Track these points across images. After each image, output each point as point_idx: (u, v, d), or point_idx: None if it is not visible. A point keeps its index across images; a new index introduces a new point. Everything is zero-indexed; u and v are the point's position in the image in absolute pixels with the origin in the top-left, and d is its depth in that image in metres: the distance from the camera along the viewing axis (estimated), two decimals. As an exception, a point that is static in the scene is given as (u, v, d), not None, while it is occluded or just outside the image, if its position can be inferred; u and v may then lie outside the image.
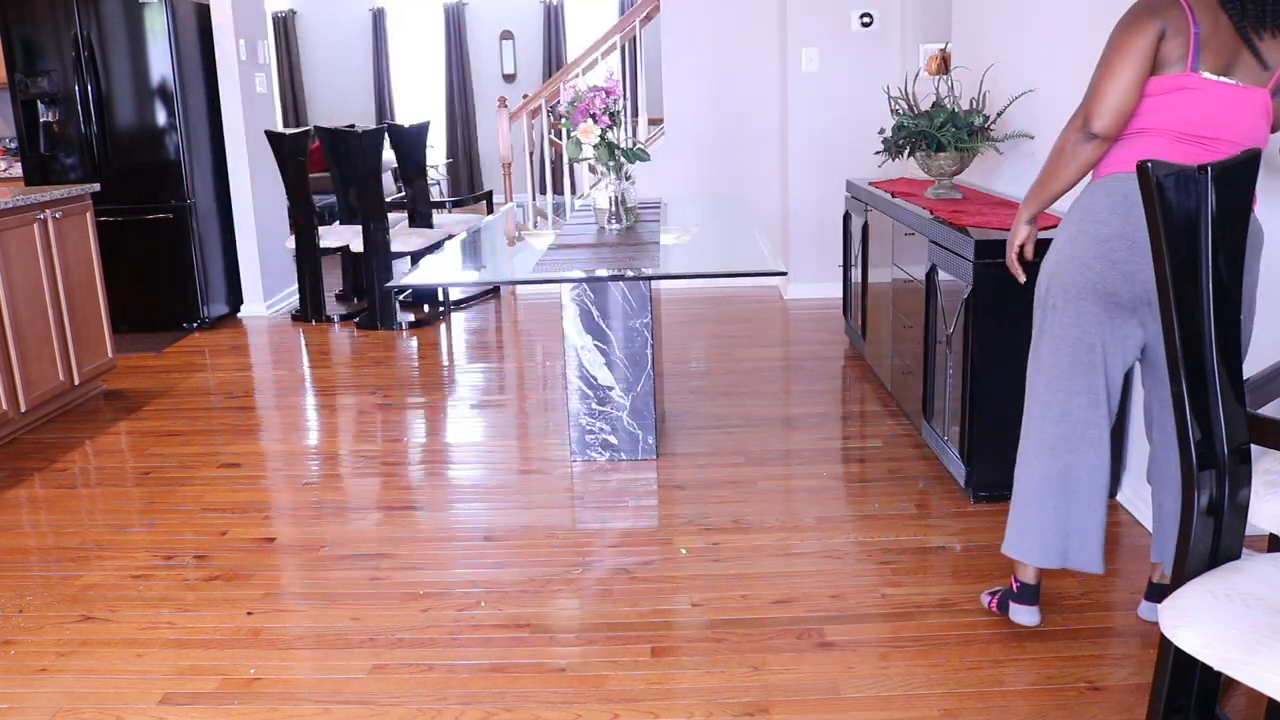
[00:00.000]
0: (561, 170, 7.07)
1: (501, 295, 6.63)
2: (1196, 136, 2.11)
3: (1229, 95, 2.09)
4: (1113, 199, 2.18)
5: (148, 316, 5.89)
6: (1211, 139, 2.10)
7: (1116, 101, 2.15)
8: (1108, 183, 2.20)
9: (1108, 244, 2.17)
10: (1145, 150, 2.13)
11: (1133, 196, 2.10)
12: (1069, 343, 2.25)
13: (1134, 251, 2.14)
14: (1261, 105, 2.10)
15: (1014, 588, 2.44)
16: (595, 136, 3.64)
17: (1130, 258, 2.15)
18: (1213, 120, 2.10)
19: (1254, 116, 2.11)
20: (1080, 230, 2.22)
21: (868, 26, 5.99)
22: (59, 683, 2.36)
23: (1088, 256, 2.19)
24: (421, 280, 4.10)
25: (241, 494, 3.48)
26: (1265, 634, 1.35)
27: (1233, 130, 2.10)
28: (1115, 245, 2.16)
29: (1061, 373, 2.28)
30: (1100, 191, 2.21)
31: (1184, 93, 2.11)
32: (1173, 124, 2.13)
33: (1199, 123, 2.11)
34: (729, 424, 4.00)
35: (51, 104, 5.68)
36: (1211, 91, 2.09)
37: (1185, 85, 2.10)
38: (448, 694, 2.27)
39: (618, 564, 2.87)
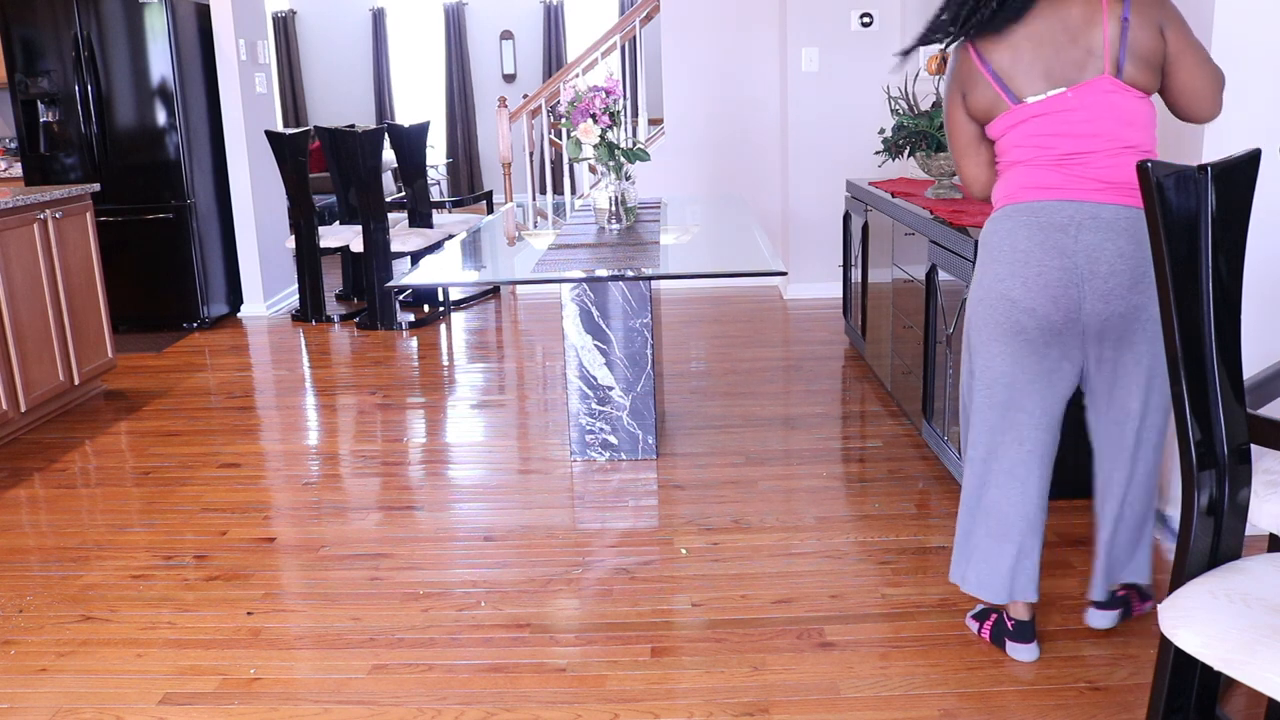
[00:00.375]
0: (561, 170, 7.07)
1: (501, 295, 6.63)
2: (1066, 154, 2.06)
3: (1070, 102, 2.03)
4: (1001, 236, 2.14)
5: (148, 316, 5.89)
6: (1082, 153, 2.05)
7: (970, 171, 2.25)
8: (998, 220, 2.17)
9: (1004, 283, 2.13)
10: (1021, 179, 2.11)
11: (1015, 233, 2.10)
12: (987, 383, 2.22)
13: (1028, 289, 2.09)
14: (1108, 92, 2.02)
15: (1009, 625, 2.34)
16: (595, 136, 3.64)
17: (1026, 294, 2.10)
18: (1065, 130, 2.05)
19: (1108, 108, 2.02)
20: (983, 271, 2.19)
21: (868, 26, 5.99)
22: (59, 683, 2.36)
23: (991, 297, 2.16)
24: (421, 280, 4.10)
25: (241, 494, 3.48)
26: (1265, 634, 1.35)
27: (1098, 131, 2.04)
28: (1010, 284, 2.12)
29: (985, 412, 2.25)
30: (993, 228, 2.17)
31: (1025, 124, 2.08)
32: (1031, 147, 2.10)
33: (1054, 136, 2.06)
34: (729, 424, 4.00)
35: (51, 104, 5.68)
36: (1050, 108, 2.05)
37: (1020, 118, 2.09)
38: (448, 694, 2.27)
39: (618, 564, 2.87)
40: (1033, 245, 2.08)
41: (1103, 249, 2.04)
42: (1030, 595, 2.29)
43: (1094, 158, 2.05)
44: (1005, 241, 2.12)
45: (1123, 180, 2.04)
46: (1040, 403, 2.19)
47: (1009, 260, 2.11)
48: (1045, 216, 2.07)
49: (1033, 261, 2.08)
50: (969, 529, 2.34)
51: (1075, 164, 2.06)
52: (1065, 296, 2.07)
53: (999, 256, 2.13)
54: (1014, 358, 2.16)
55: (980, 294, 2.19)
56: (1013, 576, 2.28)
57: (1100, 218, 2.04)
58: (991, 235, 2.17)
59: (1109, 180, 2.05)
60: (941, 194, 3.88)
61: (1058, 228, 2.06)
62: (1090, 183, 2.05)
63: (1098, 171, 2.05)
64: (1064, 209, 2.06)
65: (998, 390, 2.20)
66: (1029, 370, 2.16)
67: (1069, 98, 2.03)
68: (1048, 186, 2.08)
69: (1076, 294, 2.06)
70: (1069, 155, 2.06)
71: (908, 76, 5.11)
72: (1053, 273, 2.07)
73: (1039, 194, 2.08)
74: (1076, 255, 2.05)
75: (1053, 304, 2.08)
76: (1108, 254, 2.04)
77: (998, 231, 2.15)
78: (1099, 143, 2.04)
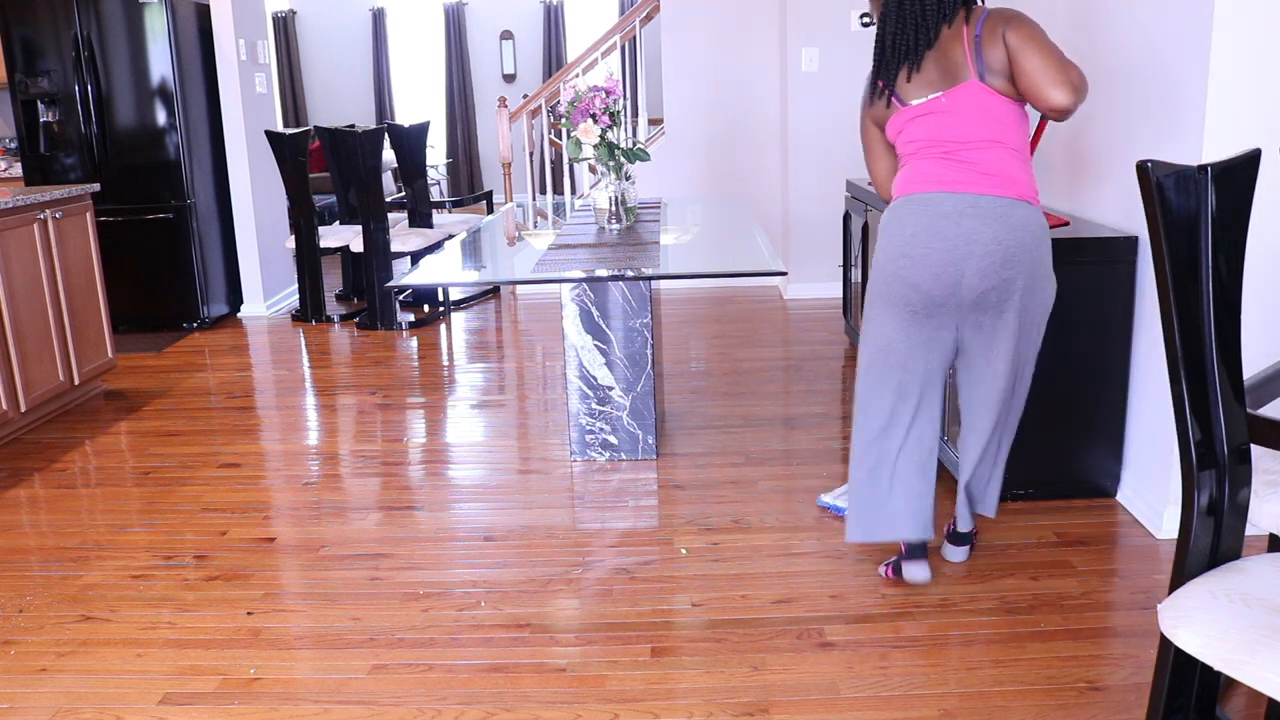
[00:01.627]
0: (561, 170, 7.07)
1: (501, 295, 6.63)
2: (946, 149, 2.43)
3: (943, 104, 2.42)
4: (895, 223, 2.48)
5: (148, 316, 5.90)
6: (958, 146, 2.42)
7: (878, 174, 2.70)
8: (894, 208, 2.51)
9: (896, 261, 2.46)
10: (912, 173, 2.48)
11: (906, 220, 2.45)
12: (877, 345, 2.57)
13: (915, 266, 2.43)
14: (974, 93, 2.39)
15: (902, 549, 2.66)
16: (595, 136, 3.64)
17: (913, 271, 2.44)
18: (942, 128, 2.43)
19: (977, 107, 2.39)
20: (880, 252, 2.52)
21: (868, 26, 5.96)
22: (59, 683, 2.36)
23: (885, 272, 2.49)
24: (421, 280, 4.10)
25: (241, 494, 3.48)
26: (1265, 634, 1.35)
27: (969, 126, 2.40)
28: (901, 262, 2.45)
29: (870, 374, 2.59)
30: (890, 216, 2.51)
31: (911, 123, 2.48)
32: (918, 145, 2.48)
33: (934, 135, 2.44)
34: (729, 424, 4.00)
35: (51, 104, 5.68)
36: (927, 109, 2.44)
37: (907, 118, 2.48)
38: (448, 694, 2.27)
39: (618, 564, 2.87)
40: (920, 230, 2.42)
41: (980, 233, 2.38)
42: (927, 533, 2.62)
43: (968, 150, 2.41)
44: (899, 227, 2.46)
45: (996, 172, 2.40)
46: (923, 364, 2.54)
47: (901, 243, 2.45)
48: (933, 206, 2.42)
49: (920, 243, 2.42)
50: (864, 482, 2.62)
51: (954, 157, 2.42)
52: (946, 274, 2.41)
53: (893, 240, 2.47)
54: (900, 326, 2.51)
55: (876, 272, 2.53)
56: (911, 516, 2.60)
57: (979, 206, 2.38)
58: (889, 222, 2.50)
59: (984, 171, 2.40)
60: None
61: (942, 215, 2.40)
62: (968, 174, 2.40)
63: (973, 163, 2.40)
64: (948, 199, 2.40)
65: (885, 352, 2.55)
66: (913, 338, 2.51)
67: (942, 101, 2.43)
68: (934, 179, 2.43)
69: (956, 271, 2.40)
70: (948, 149, 2.43)
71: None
72: (936, 254, 2.40)
73: (927, 186, 2.44)
74: (957, 239, 2.38)
75: (935, 280, 2.42)
76: (984, 238, 2.37)
77: (894, 219, 2.49)
78: (970, 138, 2.41)
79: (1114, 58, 3.11)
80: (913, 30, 2.43)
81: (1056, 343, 3.03)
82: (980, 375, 2.56)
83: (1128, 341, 3.04)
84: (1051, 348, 3.02)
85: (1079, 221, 3.26)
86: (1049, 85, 2.31)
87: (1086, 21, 3.30)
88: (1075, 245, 3.03)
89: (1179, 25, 2.71)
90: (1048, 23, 3.56)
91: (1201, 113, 2.61)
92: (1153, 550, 2.83)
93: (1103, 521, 3.01)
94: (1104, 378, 3.07)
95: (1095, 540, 2.90)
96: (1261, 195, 1.66)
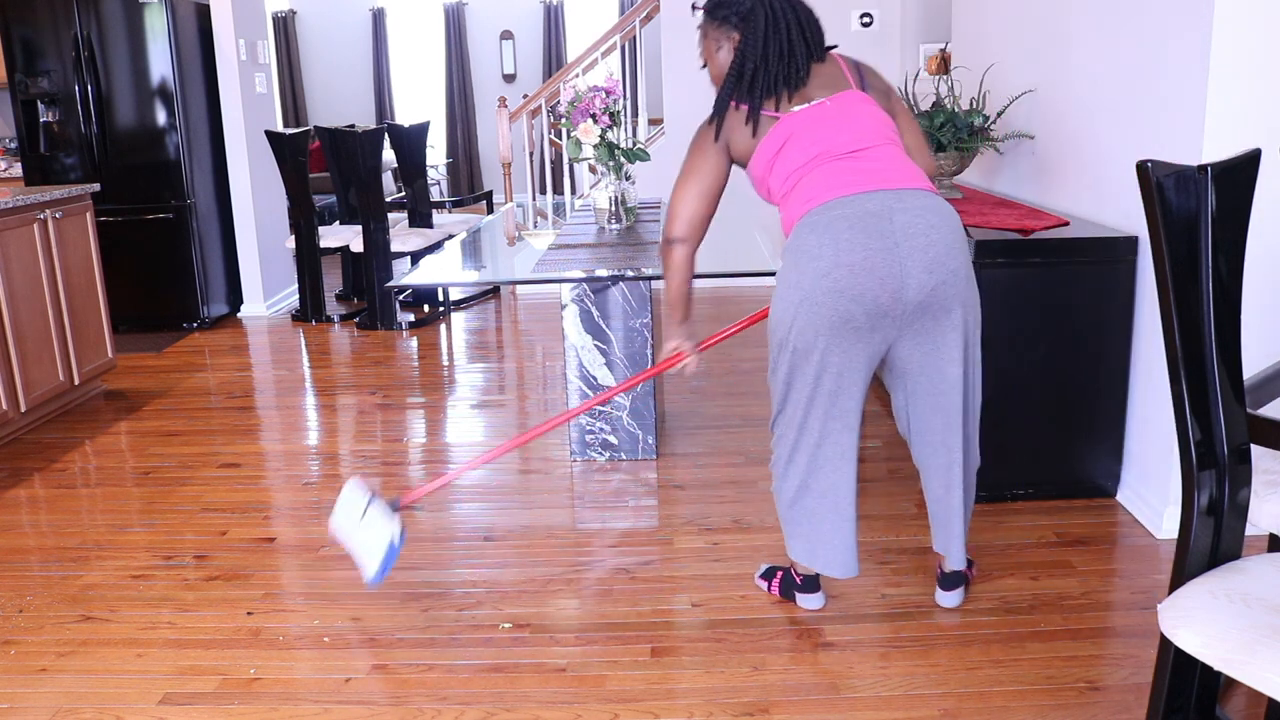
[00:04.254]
0: (561, 170, 7.07)
1: (501, 295, 6.62)
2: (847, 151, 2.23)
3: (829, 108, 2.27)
4: (816, 232, 2.20)
5: (148, 316, 5.90)
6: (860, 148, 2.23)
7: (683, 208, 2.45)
8: (806, 225, 2.22)
9: (828, 278, 2.18)
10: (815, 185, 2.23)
11: (834, 226, 2.18)
12: (816, 375, 2.28)
13: (854, 275, 2.16)
14: (860, 100, 2.29)
15: (797, 580, 2.56)
16: (595, 136, 3.64)
17: (853, 282, 2.16)
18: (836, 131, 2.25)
19: (865, 111, 2.28)
20: (800, 273, 2.22)
21: (868, 26, 5.99)
22: (59, 683, 2.36)
23: (815, 294, 2.19)
24: (421, 280, 4.10)
25: (241, 494, 3.48)
26: (1265, 634, 1.35)
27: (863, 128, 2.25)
28: (836, 276, 2.17)
29: (815, 402, 2.31)
30: (803, 231, 2.23)
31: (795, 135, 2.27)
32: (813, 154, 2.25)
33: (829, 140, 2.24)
34: (729, 424, 4.00)
35: (51, 104, 5.68)
36: (813, 115, 2.27)
37: (789, 129, 2.28)
38: (448, 694, 2.27)
39: (618, 564, 2.87)
40: (854, 233, 2.16)
41: (916, 224, 2.16)
42: (854, 570, 2.43)
43: (870, 153, 2.23)
44: (823, 238, 2.18)
45: (909, 172, 2.24)
46: (861, 388, 2.31)
47: (832, 253, 2.17)
48: (857, 207, 2.17)
49: (857, 247, 2.16)
50: (810, 511, 2.41)
51: (858, 159, 2.22)
52: (890, 275, 2.16)
53: (820, 254, 2.18)
54: (843, 348, 2.24)
55: (801, 296, 2.22)
56: (850, 550, 2.41)
57: (905, 201, 2.18)
58: (805, 239, 2.22)
59: (895, 171, 2.22)
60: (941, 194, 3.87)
61: (872, 214, 2.16)
62: (879, 174, 2.20)
63: (880, 165, 2.22)
64: (872, 198, 2.18)
65: (827, 380, 2.28)
66: (856, 358, 2.26)
67: (827, 105, 2.27)
68: (846, 182, 2.20)
69: (900, 270, 2.15)
70: (850, 152, 2.23)
71: (907, 76, 5.10)
72: (876, 254, 2.15)
73: (841, 190, 2.20)
74: (895, 234, 2.15)
75: (880, 284, 2.16)
76: (921, 227, 2.16)
77: (813, 233, 2.20)
78: (869, 138, 2.24)
79: (1114, 57, 3.11)
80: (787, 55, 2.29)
81: (1057, 343, 3.03)
82: (933, 389, 2.33)
83: (1128, 341, 3.04)
84: (1052, 348, 3.03)
85: (1079, 221, 3.26)
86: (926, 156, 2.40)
87: (1087, 21, 3.30)
88: (1075, 245, 3.03)
89: (1179, 25, 2.71)
90: (1068, 22, 3.58)
91: (1201, 113, 2.61)
92: (1153, 550, 2.83)
93: (1103, 521, 3.01)
94: (1104, 378, 3.07)
95: (1095, 540, 2.90)
96: (1261, 195, 1.66)
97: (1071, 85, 3.43)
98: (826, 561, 2.43)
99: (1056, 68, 3.54)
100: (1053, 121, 3.60)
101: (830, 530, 2.40)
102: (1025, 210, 3.49)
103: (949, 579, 2.54)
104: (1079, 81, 3.37)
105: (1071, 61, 3.43)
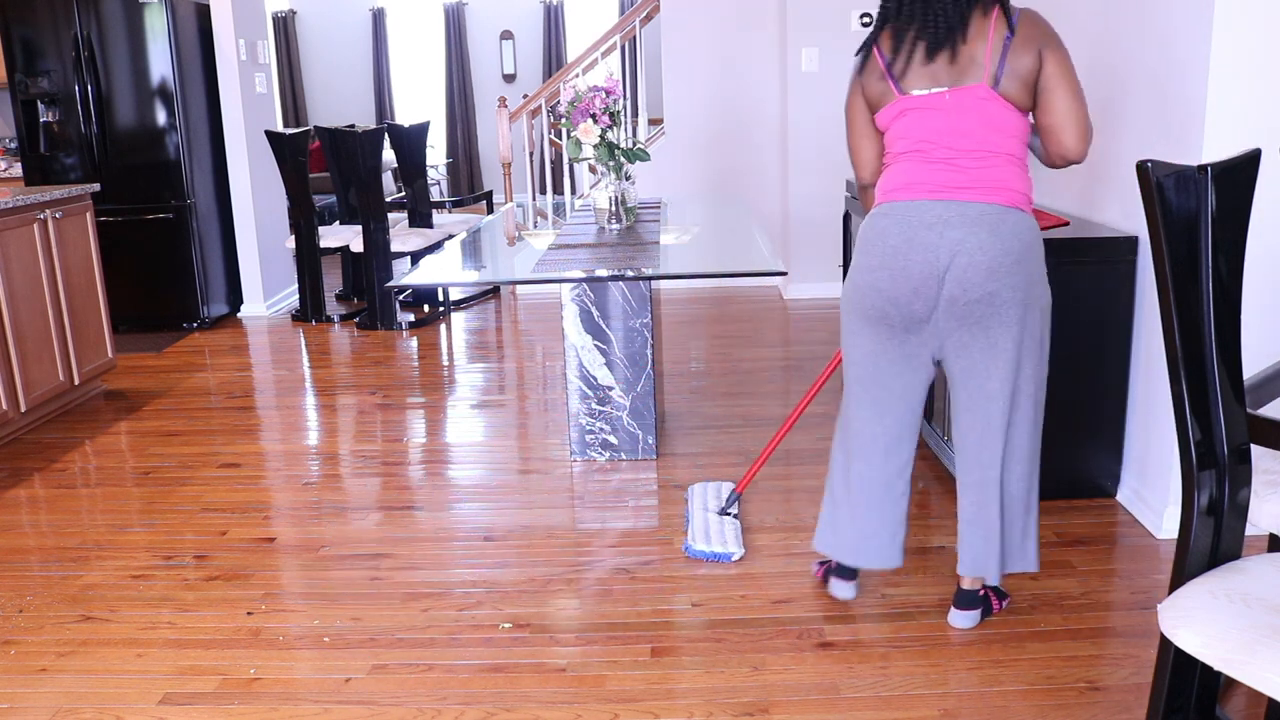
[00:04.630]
0: (561, 170, 7.07)
1: (501, 295, 6.63)
2: (938, 156, 2.26)
3: (946, 102, 2.24)
4: (876, 232, 2.31)
5: (148, 316, 5.90)
6: (953, 154, 2.25)
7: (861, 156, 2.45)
8: (875, 216, 2.34)
9: (874, 274, 2.31)
10: (898, 177, 2.31)
11: (888, 230, 2.28)
12: (854, 361, 2.44)
13: (894, 280, 2.27)
14: (982, 99, 2.22)
15: (832, 564, 2.63)
16: (595, 136, 3.64)
17: (892, 285, 2.28)
18: (941, 129, 2.25)
19: (980, 113, 2.23)
20: (856, 262, 2.38)
21: (868, 26, 5.98)
22: (59, 683, 2.36)
23: (862, 285, 2.34)
24: (421, 280, 4.10)
25: (241, 494, 3.48)
26: (1265, 634, 1.35)
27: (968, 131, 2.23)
28: (879, 275, 2.30)
29: (852, 387, 2.47)
30: (867, 226, 2.35)
31: (905, 115, 2.29)
32: (911, 144, 2.29)
33: (930, 136, 2.26)
34: (729, 424, 4.00)
35: (51, 104, 5.68)
36: (928, 104, 2.25)
37: (904, 108, 2.29)
38: (448, 694, 2.27)
39: (618, 564, 2.87)
40: (901, 242, 2.26)
41: (965, 242, 2.21)
42: (894, 561, 2.52)
43: (963, 159, 2.24)
44: (879, 237, 2.30)
45: (990, 182, 2.24)
46: (900, 383, 2.39)
47: (880, 254, 2.29)
48: (916, 215, 2.26)
49: (900, 256, 2.26)
50: (840, 498, 2.53)
51: (947, 166, 2.25)
52: (926, 288, 2.25)
53: (872, 250, 2.32)
54: (878, 340, 2.37)
55: (852, 283, 2.38)
56: (878, 540, 2.49)
57: (966, 214, 2.22)
58: (869, 230, 2.35)
59: (976, 177, 2.24)
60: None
61: (926, 225, 2.24)
62: (958, 179, 2.24)
63: (966, 173, 2.24)
64: (934, 208, 2.24)
65: (864, 369, 2.42)
66: (890, 353, 2.37)
67: (945, 98, 2.24)
68: (920, 185, 2.27)
69: (937, 285, 2.24)
70: (941, 153, 2.26)
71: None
72: (916, 266, 2.24)
73: (913, 193, 2.27)
74: (940, 249, 2.23)
75: (914, 295, 2.27)
76: (969, 246, 2.21)
77: (874, 227, 2.33)
78: (969, 143, 2.24)
79: (1115, 57, 3.11)
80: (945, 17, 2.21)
81: (1057, 343, 3.03)
82: (973, 401, 2.33)
83: (1128, 341, 3.04)
84: (1052, 348, 3.03)
85: (1079, 221, 3.26)
86: (1074, 134, 2.22)
87: (1087, 21, 3.30)
88: (1075, 245, 3.03)
89: (1179, 25, 2.71)
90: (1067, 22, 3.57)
91: (1201, 113, 2.61)
92: (1153, 550, 2.83)
93: (1103, 521, 3.01)
94: (1104, 378, 3.07)
95: (1095, 540, 2.90)
96: (1261, 195, 1.66)
97: (1071, 85, 3.43)
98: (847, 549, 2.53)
99: (1056, 68, 3.54)
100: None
101: (852, 518, 2.50)
102: (1025, 210, 3.49)
103: (962, 596, 2.48)
104: (1079, 81, 3.37)
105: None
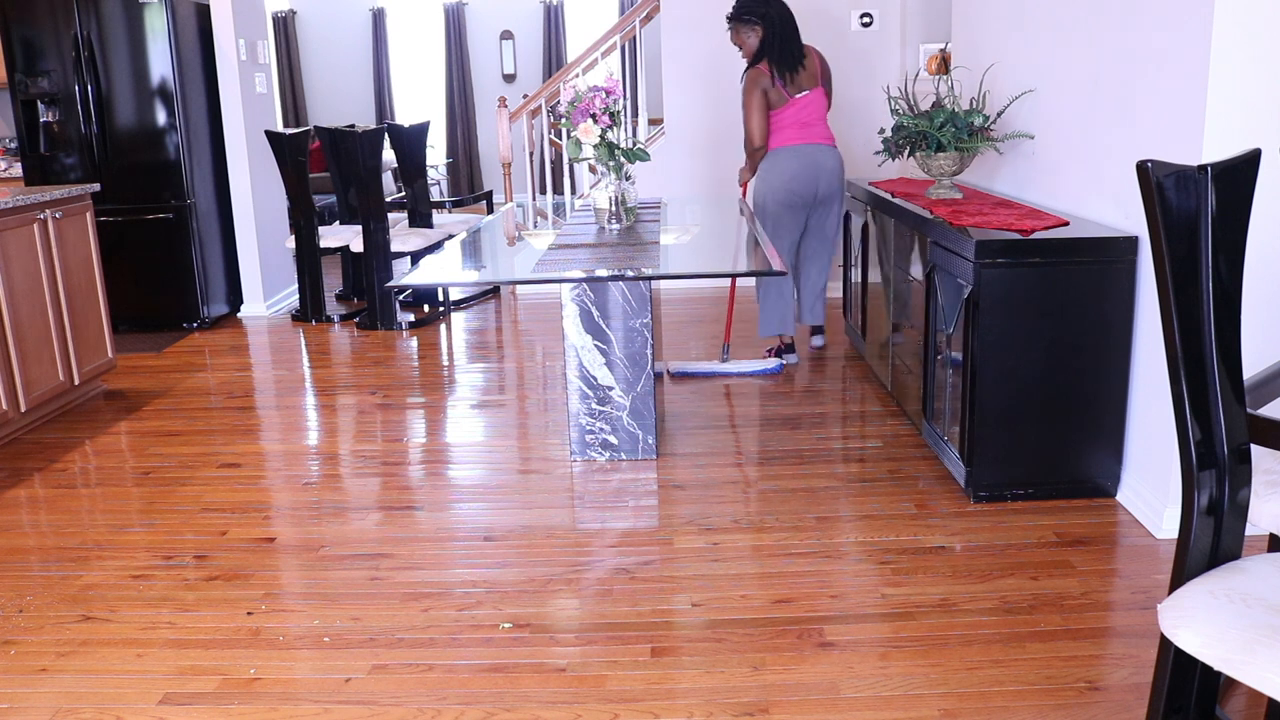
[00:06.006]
0: (561, 170, 7.07)
1: (502, 295, 6.62)
2: (802, 122, 4.47)
3: (807, 98, 4.49)
4: (786, 159, 4.48)
5: (148, 316, 5.90)
6: (806, 122, 4.48)
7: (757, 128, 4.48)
8: (779, 154, 4.50)
9: (791, 180, 4.47)
10: (789, 135, 4.47)
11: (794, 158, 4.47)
12: (782, 223, 4.54)
13: (800, 181, 4.47)
14: (820, 94, 4.55)
15: (781, 344, 4.76)
16: (595, 136, 3.64)
17: (802, 187, 4.48)
18: (804, 111, 4.48)
19: (820, 105, 4.54)
20: (776, 176, 4.49)
21: (868, 26, 6.00)
22: (59, 683, 2.36)
23: (782, 188, 4.49)
24: (421, 280, 4.10)
25: (241, 494, 3.48)
26: (1265, 634, 1.35)
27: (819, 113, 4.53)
28: (793, 181, 4.47)
29: (781, 234, 4.53)
30: (782, 154, 4.49)
31: (789, 107, 4.46)
32: (794, 119, 4.47)
33: (801, 116, 4.48)
34: (729, 424, 4.00)
35: (51, 104, 5.68)
36: (802, 100, 4.48)
37: (791, 103, 4.47)
38: (448, 694, 2.27)
39: (618, 564, 2.87)
40: (802, 162, 4.48)
41: (826, 163, 4.51)
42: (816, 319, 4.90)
43: (816, 126, 4.51)
44: (788, 162, 4.48)
45: (829, 135, 4.55)
46: (796, 227, 4.61)
47: (793, 170, 4.47)
48: (807, 152, 4.48)
49: (803, 169, 4.48)
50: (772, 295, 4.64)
51: (811, 129, 4.49)
52: (812, 185, 4.50)
53: (785, 169, 4.47)
54: (790, 213, 4.55)
55: (774, 187, 4.50)
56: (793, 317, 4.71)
57: (823, 150, 4.51)
58: (778, 160, 4.50)
59: (823, 133, 4.53)
60: (941, 194, 3.88)
61: (809, 154, 4.49)
62: (817, 134, 4.50)
63: (819, 132, 4.52)
64: (811, 148, 4.49)
65: (784, 226, 4.55)
66: (792, 219, 4.57)
67: (809, 97, 4.50)
68: (802, 139, 4.47)
69: (815, 184, 4.50)
70: (806, 122, 4.49)
71: (908, 77, 5.11)
72: (808, 172, 4.48)
73: (798, 140, 4.48)
74: (819, 167, 4.49)
75: (807, 187, 4.49)
76: (829, 166, 4.52)
77: (782, 161, 4.49)
78: (817, 116, 4.52)
79: (1115, 57, 3.11)
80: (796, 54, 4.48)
81: (1057, 343, 3.03)
82: (819, 239, 4.68)
83: (1128, 341, 3.04)
84: (1052, 348, 3.03)
85: (1079, 221, 3.26)
86: None
87: (1088, 21, 3.30)
88: (1075, 245, 3.03)
89: (1179, 25, 2.71)
90: (1068, 22, 3.58)
91: (1201, 113, 2.61)
92: (1153, 550, 2.84)
93: (1103, 521, 3.02)
94: (1104, 378, 3.07)
95: (1095, 540, 2.90)
96: (1261, 195, 1.66)
97: (1071, 85, 3.43)
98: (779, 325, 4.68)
99: (1056, 68, 3.54)
100: (1053, 121, 3.60)
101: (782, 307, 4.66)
102: (1025, 210, 3.49)
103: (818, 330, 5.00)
104: (1079, 81, 3.37)
105: (1071, 61, 3.43)
